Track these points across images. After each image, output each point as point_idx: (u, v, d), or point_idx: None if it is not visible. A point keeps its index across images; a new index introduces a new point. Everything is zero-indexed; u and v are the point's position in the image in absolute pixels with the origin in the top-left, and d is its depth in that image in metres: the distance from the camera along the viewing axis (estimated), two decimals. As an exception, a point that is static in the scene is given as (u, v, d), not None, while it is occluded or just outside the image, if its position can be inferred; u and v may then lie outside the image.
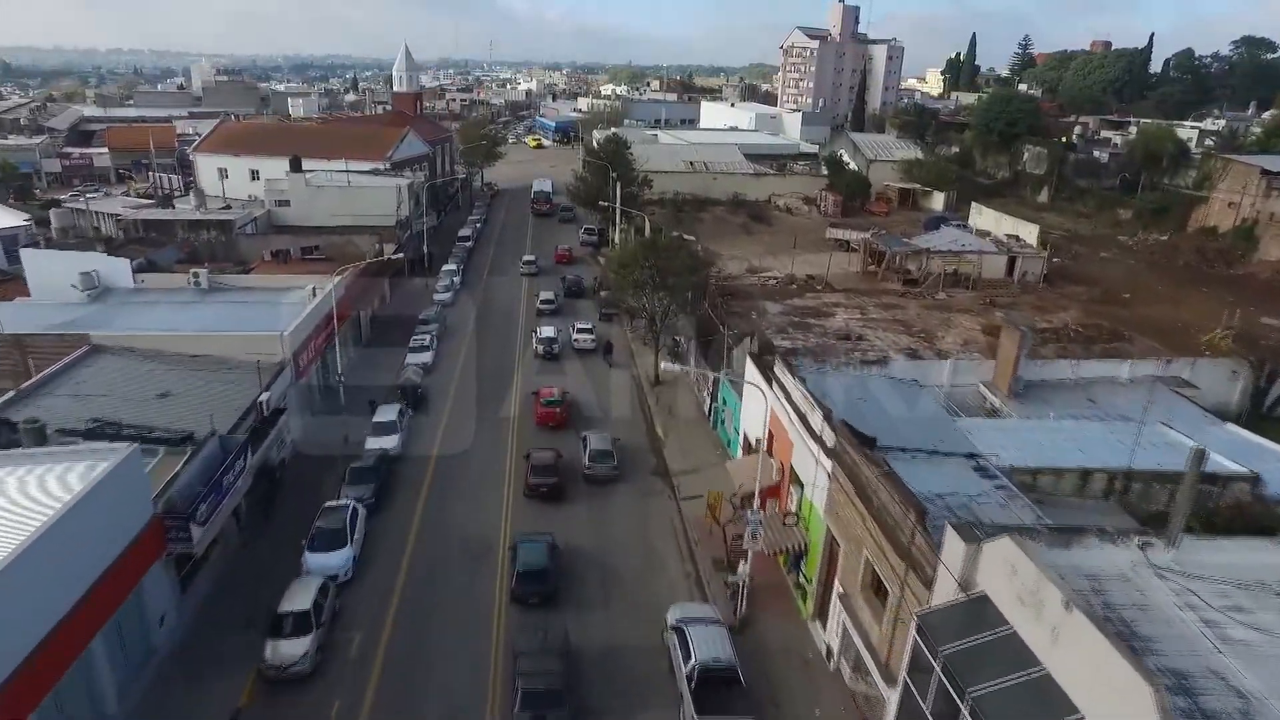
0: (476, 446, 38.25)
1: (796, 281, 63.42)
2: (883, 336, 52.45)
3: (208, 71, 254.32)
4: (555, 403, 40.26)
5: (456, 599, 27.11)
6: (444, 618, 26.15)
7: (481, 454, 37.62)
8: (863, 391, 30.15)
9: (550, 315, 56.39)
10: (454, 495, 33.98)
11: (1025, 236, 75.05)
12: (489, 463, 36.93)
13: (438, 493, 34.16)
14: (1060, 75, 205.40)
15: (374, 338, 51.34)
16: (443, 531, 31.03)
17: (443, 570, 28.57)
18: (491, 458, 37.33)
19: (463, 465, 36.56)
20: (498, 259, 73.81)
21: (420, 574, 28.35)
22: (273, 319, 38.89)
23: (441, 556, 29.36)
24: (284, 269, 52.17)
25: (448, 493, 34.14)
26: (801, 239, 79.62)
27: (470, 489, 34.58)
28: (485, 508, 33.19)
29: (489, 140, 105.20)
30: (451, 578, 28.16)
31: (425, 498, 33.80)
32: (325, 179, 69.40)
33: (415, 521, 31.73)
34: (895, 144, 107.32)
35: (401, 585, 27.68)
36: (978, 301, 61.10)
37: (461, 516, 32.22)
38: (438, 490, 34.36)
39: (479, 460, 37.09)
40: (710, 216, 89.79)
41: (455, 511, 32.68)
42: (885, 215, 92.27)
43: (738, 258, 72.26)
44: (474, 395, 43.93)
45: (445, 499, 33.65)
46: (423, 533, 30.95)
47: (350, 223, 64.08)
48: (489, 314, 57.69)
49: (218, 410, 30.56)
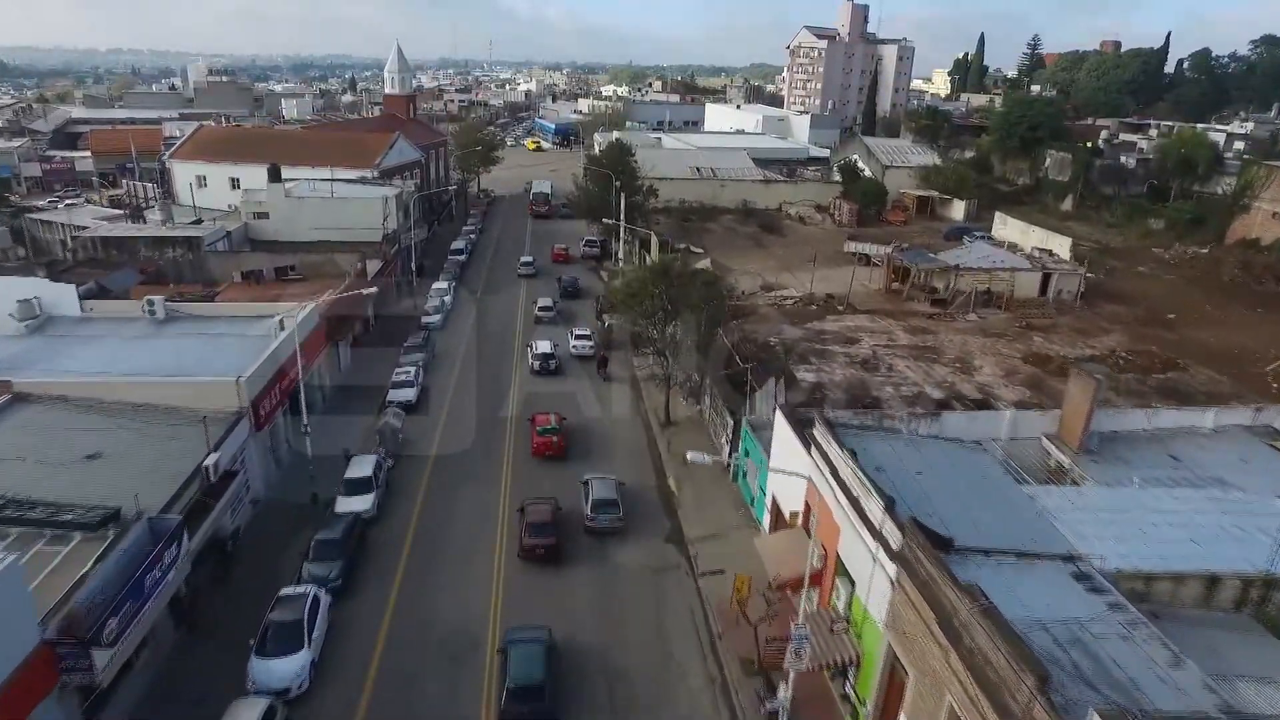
0: (465, 499, 33.59)
1: (816, 301, 58.70)
2: (914, 367, 47.76)
3: (203, 72, 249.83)
4: (552, 431, 36.94)
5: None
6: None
7: (470, 508, 32.98)
8: (918, 459, 25.33)
9: (549, 324, 54.27)
10: (436, 565, 29.24)
11: (1057, 250, 70.32)
12: (478, 519, 32.34)
13: (417, 564, 29.39)
14: (1072, 76, 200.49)
15: (355, 368, 46.57)
16: (420, 621, 26.23)
17: (418, 679, 23.77)
18: (481, 514, 32.70)
19: (448, 523, 31.89)
20: (494, 274, 68.97)
21: (390, 686, 23.54)
22: (234, 357, 34.15)
23: (417, 658, 24.55)
24: (256, 292, 47.36)
25: (429, 563, 29.39)
26: (817, 252, 74.84)
27: (456, 555, 29.89)
28: (473, 580, 28.54)
29: (485, 145, 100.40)
30: (428, 690, 23.37)
31: (402, 571, 29.03)
32: (308, 189, 64.62)
33: (388, 608, 26.93)
34: (911, 149, 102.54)
35: (367, 702, 22.88)
36: (1013, 324, 56.45)
37: (443, 597, 27.46)
38: (418, 560, 29.61)
39: (467, 516, 32.48)
40: (718, 227, 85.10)
41: (437, 588, 27.94)
42: (903, 225, 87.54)
43: (750, 273, 67.58)
44: (465, 436, 39.20)
45: (426, 572, 28.89)
46: (396, 625, 26.13)
47: (334, 237, 59.39)
48: (483, 337, 52.85)
49: (156, 477, 25.82)
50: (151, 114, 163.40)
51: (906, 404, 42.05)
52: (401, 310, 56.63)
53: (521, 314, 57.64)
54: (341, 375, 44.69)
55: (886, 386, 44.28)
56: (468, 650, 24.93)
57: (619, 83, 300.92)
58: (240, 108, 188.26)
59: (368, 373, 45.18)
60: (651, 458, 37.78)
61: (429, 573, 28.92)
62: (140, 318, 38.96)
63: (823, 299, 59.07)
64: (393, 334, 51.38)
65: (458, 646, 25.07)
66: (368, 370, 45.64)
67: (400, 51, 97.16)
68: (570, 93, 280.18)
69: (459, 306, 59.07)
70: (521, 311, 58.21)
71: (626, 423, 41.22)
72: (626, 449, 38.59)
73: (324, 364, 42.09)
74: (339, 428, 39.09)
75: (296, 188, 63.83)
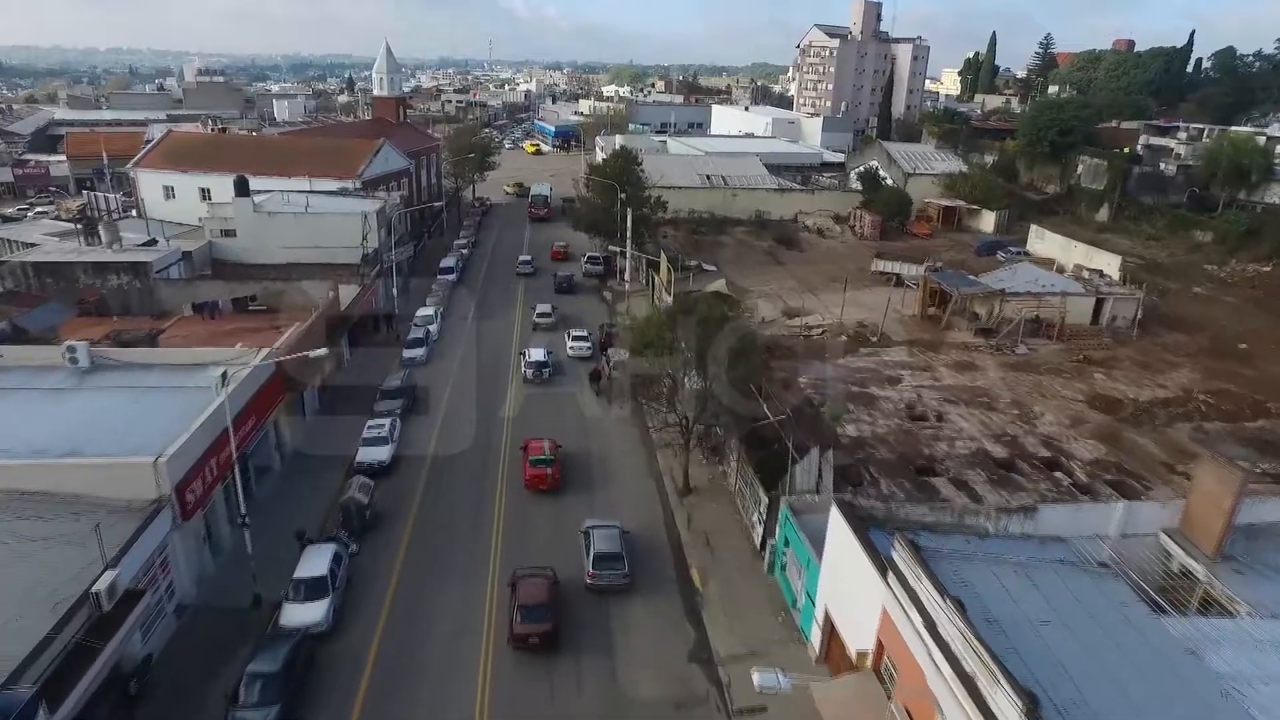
0: (443, 589, 27.60)
1: (846, 332, 52.44)
2: (967, 415, 41.55)
3: (195, 72, 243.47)
4: (546, 461, 33.94)
5: None
6: None
7: (449, 601, 27.04)
8: (1037, 598, 19.14)
9: (547, 330, 53.05)
10: (406, 689, 23.15)
11: (1103, 268, 64.15)
12: (459, 612, 26.67)
13: (379, 692, 23.29)
14: (1088, 76, 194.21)
15: (322, 419, 40.40)
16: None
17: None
18: (463, 606, 26.89)
19: (424, 624, 25.92)
20: (487, 295, 62.68)
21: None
22: (163, 421, 28.09)
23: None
24: (210, 328, 41.30)
25: (396, 688, 23.29)
26: (840, 270, 68.65)
27: (431, 671, 23.92)
28: (452, 701, 22.62)
29: (480, 150, 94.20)
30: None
31: (361, 700, 22.97)
32: (281, 202, 58.50)
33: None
34: (934, 155, 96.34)
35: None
36: (1067, 358, 50.22)
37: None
38: (380, 685, 23.51)
39: (445, 611, 26.62)
40: (731, 240, 78.96)
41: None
42: (928, 238, 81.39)
43: (769, 295, 61.40)
44: (447, 505, 33.12)
45: (390, 703, 22.82)
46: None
47: (310, 257, 53.33)
48: (473, 376, 46.63)
49: (26, 610, 19.73)
50: (138, 115, 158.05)
51: (967, 464, 35.93)
52: (382, 341, 50.52)
53: (516, 346, 51.42)
54: (304, 430, 38.45)
55: (939, 442, 38.08)
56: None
57: (620, 82, 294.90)
58: (230, 109, 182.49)
59: (337, 426, 38.94)
60: (669, 538, 31.59)
61: (395, 703, 22.83)
62: (61, 367, 32.80)
63: (853, 328, 52.88)
64: (371, 371, 45.24)
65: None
66: (337, 422, 39.42)
67: (389, 51, 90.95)
68: (570, 93, 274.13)
69: (448, 335, 52.88)
70: (517, 340, 51.99)
71: (634, 485, 35.10)
72: (631, 491, 32.66)
73: (283, 417, 35.96)
74: (297, 498, 33.05)
75: (267, 201, 57.68)
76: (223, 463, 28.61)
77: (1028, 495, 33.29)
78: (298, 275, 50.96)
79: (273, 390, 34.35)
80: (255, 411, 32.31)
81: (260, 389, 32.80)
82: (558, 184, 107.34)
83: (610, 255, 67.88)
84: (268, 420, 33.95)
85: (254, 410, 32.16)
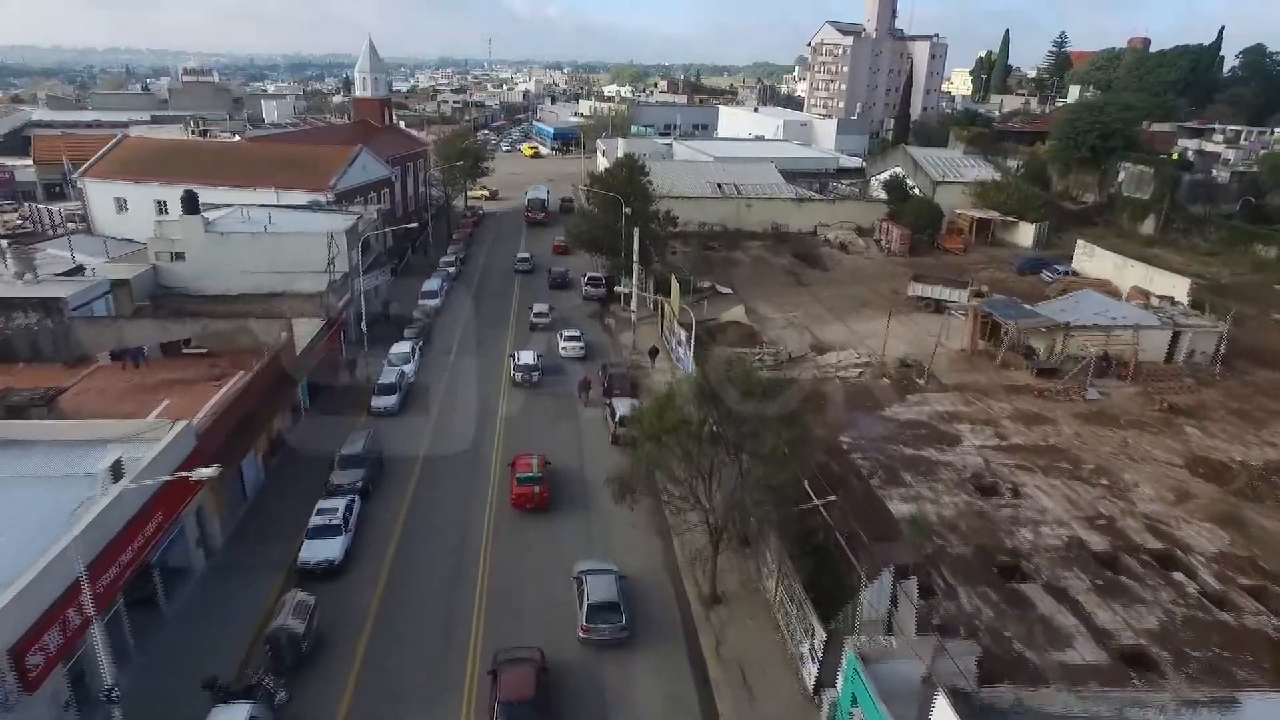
0: None
1: (887, 372, 45.29)
2: (1046, 486, 34.37)
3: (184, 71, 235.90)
4: (533, 479, 32.26)
5: None
6: None
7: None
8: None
9: (544, 330, 52.49)
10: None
11: (1167, 291, 57.09)
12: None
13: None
14: (1108, 76, 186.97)
15: (267, 494, 33.30)
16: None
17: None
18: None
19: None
20: (475, 324, 55.47)
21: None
22: (21, 535, 21.07)
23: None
24: (131, 381, 34.23)
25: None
26: (871, 292, 61.62)
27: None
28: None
29: (471, 155, 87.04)
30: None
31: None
32: (241, 220, 51.44)
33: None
34: (963, 161, 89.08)
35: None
36: (1148, 405, 43.04)
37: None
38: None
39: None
40: (746, 256, 71.80)
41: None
42: (961, 253, 74.26)
43: (794, 324, 54.24)
44: (413, 619, 26.09)
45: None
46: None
47: (271, 283, 46.43)
48: (454, 432, 39.56)
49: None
50: (120, 116, 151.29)
51: (1060, 561, 28.82)
52: (348, 387, 43.41)
53: (505, 400, 44.34)
54: (239, 514, 31.26)
55: (1021, 527, 30.95)
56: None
57: (621, 82, 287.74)
58: (218, 110, 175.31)
59: (282, 507, 31.88)
60: (695, 672, 24.47)
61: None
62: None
63: (895, 368, 45.74)
64: (330, 428, 38.16)
65: None
66: (284, 501, 32.33)
67: (373, 48, 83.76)
68: (570, 93, 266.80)
69: (426, 376, 45.72)
70: (506, 394, 44.87)
71: (649, 585, 28.00)
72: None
73: (210, 499, 28.84)
74: (221, 615, 25.98)
75: (222, 220, 50.61)
76: (106, 590, 21.50)
77: (1148, 611, 26.24)
78: (252, 307, 43.97)
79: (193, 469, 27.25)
80: (165, 505, 25.26)
81: (175, 472, 25.74)
82: (557, 188, 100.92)
83: (613, 275, 60.77)
84: (185, 510, 26.88)
85: (163, 504, 25.11)
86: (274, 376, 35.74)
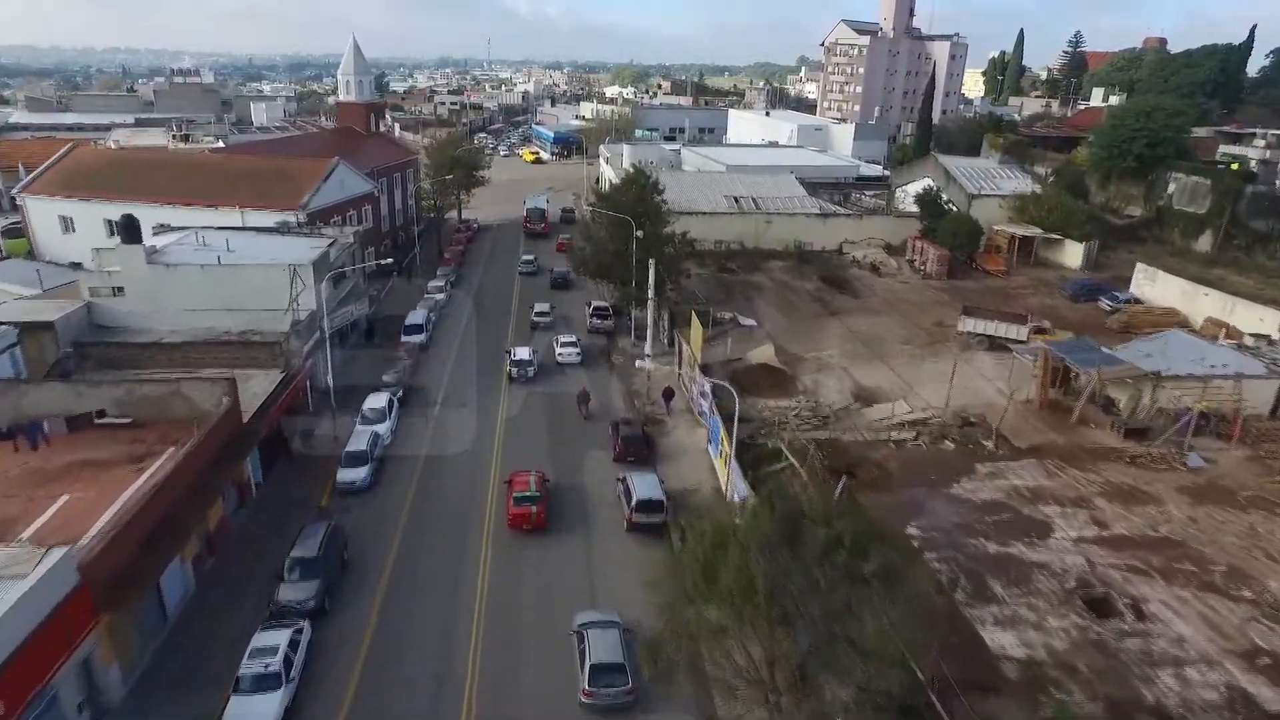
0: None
1: (949, 433, 38.41)
2: (1176, 604, 27.25)
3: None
4: (531, 499, 30.69)
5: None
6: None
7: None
8: None
9: (545, 329, 52.56)
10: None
11: (1256, 324, 50.29)
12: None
13: None
14: (1129, 77, 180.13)
15: (189, 623, 26.41)
16: None
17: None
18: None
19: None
20: (466, 367, 48.44)
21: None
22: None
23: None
24: (24, 469, 27.37)
25: None
26: (912, 324, 54.98)
27: None
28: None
29: (465, 165, 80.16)
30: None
31: None
32: (194, 248, 44.63)
33: None
34: (998, 171, 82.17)
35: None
36: (1267, 478, 36.17)
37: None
38: None
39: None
40: (768, 280, 64.86)
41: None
42: (1003, 275, 67.40)
43: (828, 364, 47.38)
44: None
45: None
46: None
47: (226, 322, 39.75)
48: (434, 524, 32.67)
49: None
50: (102, 119, 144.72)
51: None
52: (311, 453, 36.54)
53: (499, 465, 37.54)
54: (144, 664, 24.27)
55: (1157, 669, 24.03)
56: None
57: (621, 82, 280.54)
58: (205, 113, 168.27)
59: (211, 637, 24.99)
60: None
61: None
62: None
63: (957, 426, 38.83)
64: (284, 514, 31.35)
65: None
66: (215, 630, 25.43)
67: (357, 47, 76.86)
68: (570, 94, 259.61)
69: (404, 438, 38.80)
70: (500, 461, 38.06)
71: None
72: None
73: (107, 640, 21.97)
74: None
75: (172, 247, 43.78)
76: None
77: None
78: (199, 357, 37.18)
79: (76, 613, 20.48)
80: (26, 669, 18.48)
81: (50, 616, 19.07)
82: (557, 196, 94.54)
83: (621, 306, 53.89)
84: (60, 670, 20.05)
85: (23, 669, 18.33)
86: (211, 455, 28.88)
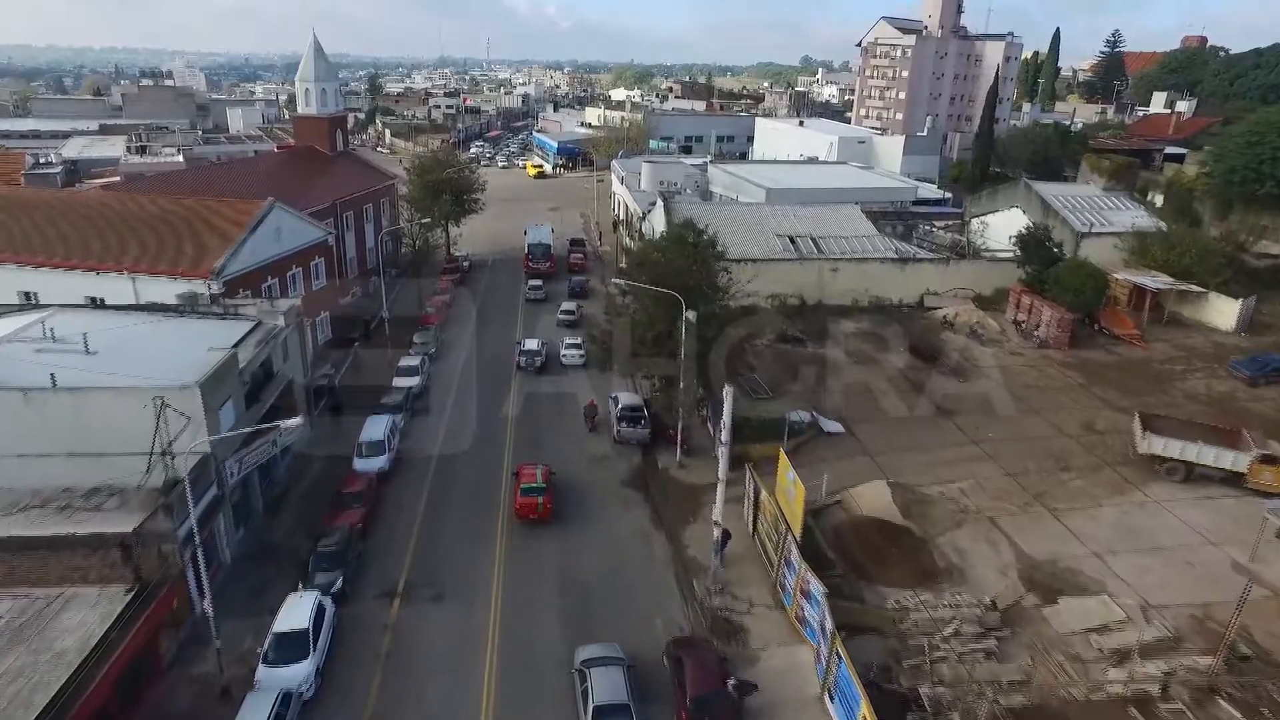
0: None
1: (1219, 683, 23.50)
2: None
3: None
4: (537, 490, 31.08)
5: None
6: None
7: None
8: None
9: (569, 327, 52.54)
10: None
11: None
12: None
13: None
14: (1186, 79, 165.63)
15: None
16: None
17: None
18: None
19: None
20: (445, 528, 33.69)
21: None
22: None
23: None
24: None
25: None
26: (1056, 430, 40.18)
27: None
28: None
29: (453, 190, 65.50)
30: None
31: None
32: (37, 342, 30.06)
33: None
34: (1104, 202, 67.41)
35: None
36: None
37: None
38: None
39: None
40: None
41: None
42: (1141, 343, 52.58)
43: (967, 511, 32.60)
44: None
45: None
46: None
47: (69, 474, 25.41)
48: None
49: None
50: (63, 126, 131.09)
51: None
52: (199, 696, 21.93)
53: None
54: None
55: None
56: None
57: (624, 83, 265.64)
58: (179, 118, 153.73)
59: None
60: None
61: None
62: None
63: (1232, 665, 24.04)
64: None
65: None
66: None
67: (319, 49, 62.06)
68: (573, 96, 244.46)
69: (343, 671, 24.10)
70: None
71: None
72: None
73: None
74: None
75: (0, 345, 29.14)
76: None
77: None
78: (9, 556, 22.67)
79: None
80: None
81: None
82: (563, 218, 79.84)
83: (663, 411, 38.90)
84: None
85: None
86: None
